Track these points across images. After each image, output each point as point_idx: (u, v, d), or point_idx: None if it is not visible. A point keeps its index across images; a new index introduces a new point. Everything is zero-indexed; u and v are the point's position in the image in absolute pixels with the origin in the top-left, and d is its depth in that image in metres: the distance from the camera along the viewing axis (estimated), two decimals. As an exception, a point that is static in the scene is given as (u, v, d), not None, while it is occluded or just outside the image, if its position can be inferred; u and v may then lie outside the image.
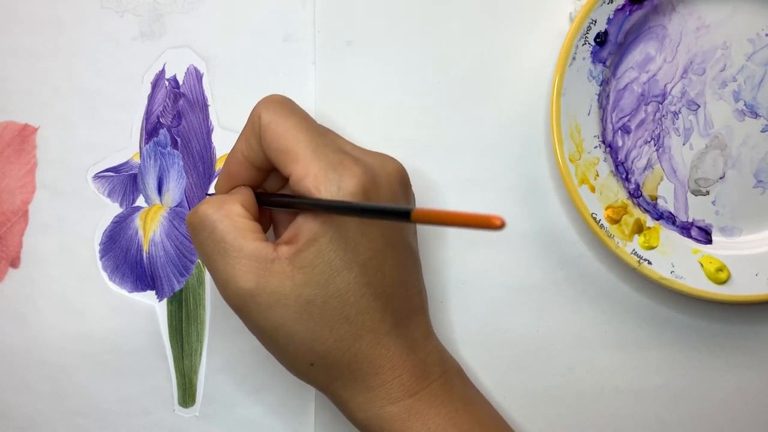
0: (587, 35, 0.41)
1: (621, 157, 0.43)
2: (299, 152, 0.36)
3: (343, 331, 0.36)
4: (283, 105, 0.38)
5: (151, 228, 0.45)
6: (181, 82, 0.44)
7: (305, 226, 0.36)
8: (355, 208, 0.34)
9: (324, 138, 0.37)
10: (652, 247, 0.42)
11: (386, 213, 0.33)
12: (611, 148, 0.43)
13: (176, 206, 0.45)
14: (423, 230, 0.43)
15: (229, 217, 0.37)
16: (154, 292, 0.45)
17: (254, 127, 0.37)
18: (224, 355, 0.44)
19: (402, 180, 0.39)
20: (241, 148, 0.38)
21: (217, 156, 0.44)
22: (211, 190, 0.44)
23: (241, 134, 0.38)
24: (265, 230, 0.39)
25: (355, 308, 0.36)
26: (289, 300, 0.36)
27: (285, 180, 0.38)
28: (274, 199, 0.39)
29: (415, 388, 0.38)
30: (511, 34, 0.44)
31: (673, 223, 0.43)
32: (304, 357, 0.37)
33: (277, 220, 0.41)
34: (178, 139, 0.44)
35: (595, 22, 0.41)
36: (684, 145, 0.43)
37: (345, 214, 0.35)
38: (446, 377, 0.39)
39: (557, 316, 0.44)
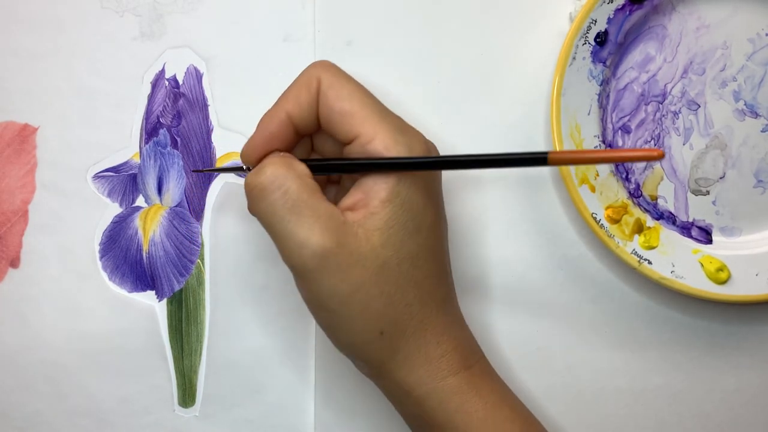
0: (587, 35, 0.41)
1: (621, 157, 0.43)
2: (366, 115, 0.36)
3: (412, 295, 0.36)
4: (340, 70, 0.37)
5: (151, 228, 0.45)
6: (181, 82, 0.44)
7: (376, 187, 0.35)
8: (483, 160, 0.35)
9: (382, 104, 0.37)
10: (652, 247, 0.42)
11: (520, 160, 0.34)
12: (611, 148, 0.43)
13: (176, 206, 0.45)
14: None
15: (300, 177, 0.36)
16: (153, 292, 0.45)
17: (310, 88, 0.36)
18: (224, 355, 0.44)
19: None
20: (288, 107, 0.37)
21: (217, 156, 0.44)
22: (213, 185, 0.44)
23: (287, 94, 0.37)
24: None
25: (422, 272, 0.36)
26: (368, 261, 0.35)
27: (310, 149, 0.38)
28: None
29: (470, 360, 0.37)
30: (511, 34, 0.44)
31: (674, 223, 0.43)
32: (376, 324, 0.36)
33: None
34: (178, 139, 0.44)
35: (595, 22, 0.41)
36: (684, 145, 0.43)
37: (462, 167, 0.37)
38: (485, 357, 0.39)
39: (557, 316, 0.44)
